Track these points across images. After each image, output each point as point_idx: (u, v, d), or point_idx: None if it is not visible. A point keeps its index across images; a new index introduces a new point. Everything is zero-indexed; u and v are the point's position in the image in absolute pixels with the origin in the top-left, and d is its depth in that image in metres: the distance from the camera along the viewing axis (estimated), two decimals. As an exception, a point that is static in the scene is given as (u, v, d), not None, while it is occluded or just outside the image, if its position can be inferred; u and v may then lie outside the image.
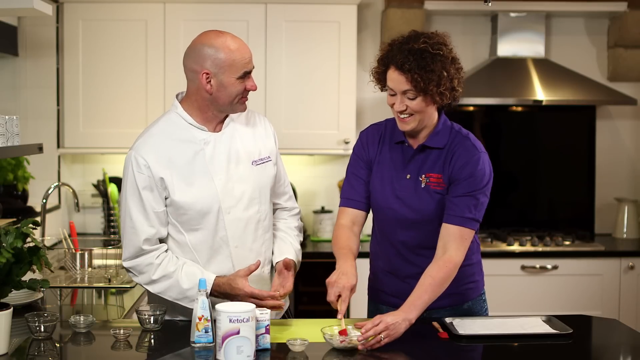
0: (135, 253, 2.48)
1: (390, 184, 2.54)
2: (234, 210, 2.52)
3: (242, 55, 2.45)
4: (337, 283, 2.34)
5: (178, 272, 2.48)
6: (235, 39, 2.47)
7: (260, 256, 2.58)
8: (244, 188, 2.53)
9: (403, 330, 2.26)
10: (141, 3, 4.28)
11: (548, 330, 2.42)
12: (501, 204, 4.66)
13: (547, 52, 4.71)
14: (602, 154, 4.84)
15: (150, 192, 2.46)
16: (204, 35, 2.49)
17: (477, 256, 2.65)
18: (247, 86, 2.48)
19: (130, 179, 2.47)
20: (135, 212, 2.46)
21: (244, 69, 2.45)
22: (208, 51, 2.43)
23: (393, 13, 4.53)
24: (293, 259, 2.61)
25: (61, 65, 4.31)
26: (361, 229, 2.61)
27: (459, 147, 2.48)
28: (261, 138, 2.62)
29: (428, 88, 2.36)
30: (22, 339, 2.34)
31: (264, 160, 2.60)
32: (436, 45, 2.37)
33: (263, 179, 2.58)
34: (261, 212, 2.58)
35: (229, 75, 2.44)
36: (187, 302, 2.48)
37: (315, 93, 4.35)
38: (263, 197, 2.58)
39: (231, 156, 2.53)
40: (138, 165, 2.45)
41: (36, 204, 4.05)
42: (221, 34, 2.47)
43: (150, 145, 2.49)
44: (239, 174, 2.53)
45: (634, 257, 4.38)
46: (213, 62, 2.43)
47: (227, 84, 2.45)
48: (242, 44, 2.48)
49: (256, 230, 2.57)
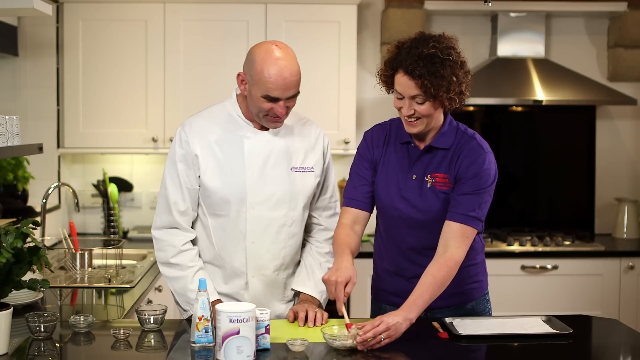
0: (168, 223, 2.58)
1: (396, 184, 2.53)
2: (259, 207, 2.55)
3: (275, 82, 2.41)
4: (329, 280, 2.35)
5: (193, 270, 2.54)
6: (282, 63, 2.42)
7: (277, 259, 2.61)
8: (275, 189, 2.57)
9: (403, 330, 2.26)
10: (141, 3, 4.28)
11: (548, 330, 2.42)
12: (501, 204, 4.65)
13: (547, 52, 4.71)
14: (602, 154, 4.84)
15: (185, 167, 2.56)
16: (262, 43, 2.52)
17: (481, 256, 2.65)
18: (273, 109, 2.47)
19: (172, 152, 2.59)
20: (170, 183, 2.58)
21: (268, 93, 2.43)
22: (251, 57, 2.48)
23: (393, 13, 4.53)
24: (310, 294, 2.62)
25: (61, 65, 4.31)
26: (363, 228, 2.60)
27: (465, 147, 2.47)
28: (310, 148, 2.64)
29: (438, 94, 2.34)
30: (22, 339, 2.34)
31: (306, 169, 2.62)
32: (446, 50, 2.35)
33: (299, 187, 2.60)
34: (289, 217, 2.60)
35: (256, 89, 2.46)
36: (183, 301, 2.55)
37: (315, 93, 4.35)
38: (294, 203, 2.60)
39: (270, 156, 2.56)
40: (180, 140, 2.57)
41: (36, 204, 4.05)
42: (274, 51, 2.44)
43: (196, 124, 2.59)
44: (274, 175, 2.56)
45: (634, 257, 4.38)
46: (249, 68, 2.48)
47: (254, 96, 2.47)
48: (286, 71, 2.42)
49: (278, 233, 2.59)
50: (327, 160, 2.69)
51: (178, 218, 2.57)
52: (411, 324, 2.28)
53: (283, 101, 2.45)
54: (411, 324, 2.28)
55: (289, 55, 2.47)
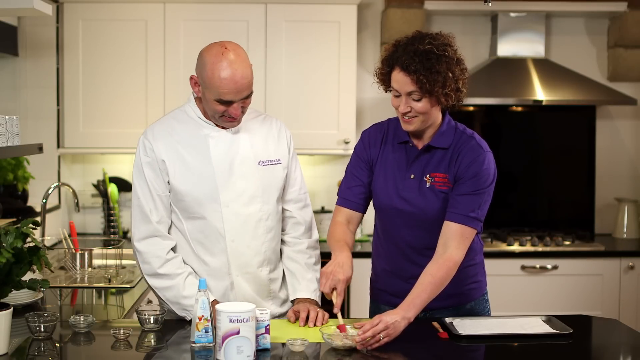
0: (148, 233, 2.54)
1: (394, 183, 2.53)
2: (233, 204, 2.55)
3: (227, 86, 2.40)
4: (332, 275, 2.35)
5: (182, 277, 2.52)
6: (232, 67, 2.40)
7: (259, 255, 2.60)
8: (246, 185, 2.56)
9: (402, 328, 2.26)
10: (141, 3, 4.28)
11: (548, 330, 2.42)
12: (501, 204, 4.65)
13: (547, 52, 4.71)
14: (602, 154, 4.84)
15: (154, 174, 2.54)
16: (212, 45, 2.48)
17: (480, 256, 2.65)
18: (228, 110, 2.47)
19: (137, 161, 2.58)
20: (141, 193, 2.56)
21: (220, 97, 2.43)
22: (202, 60, 2.46)
23: (393, 13, 4.53)
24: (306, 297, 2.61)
25: (61, 65, 4.31)
26: (356, 228, 2.61)
27: (465, 147, 2.47)
28: (273, 141, 2.64)
29: (433, 89, 2.35)
30: (22, 339, 2.34)
31: (273, 162, 2.62)
32: (441, 46, 2.37)
33: (269, 180, 2.60)
34: (264, 211, 2.59)
35: (208, 93, 2.46)
36: (178, 308, 2.52)
37: (315, 93, 4.35)
38: (267, 197, 2.60)
39: (236, 153, 2.56)
40: (144, 148, 2.56)
41: (36, 204, 4.05)
42: (224, 54, 2.42)
43: (158, 131, 2.58)
44: (243, 171, 2.56)
45: (634, 257, 4.38)
46: (200, 72, 2.47)
47: (207, 99, 2.48)
48: (237, 75, 2.40)
49: (256, 228, 2.58)
50: (291, 152, 2.69)
51: (157, 225, 2.54)
52: (410, 322, 2.28)
53: (237, 103, 2.45)
54: (410, 322, 2.28)
55: (239, 57, 2.44)
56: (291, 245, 2.71)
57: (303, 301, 2.60)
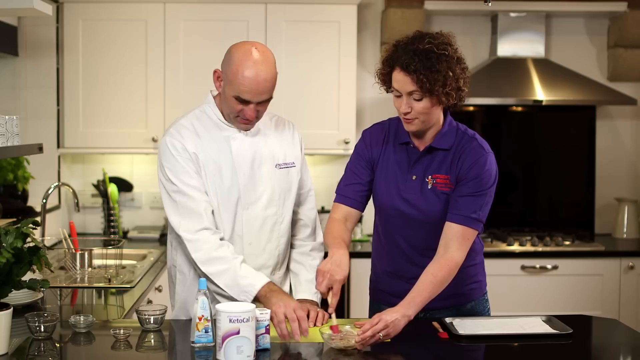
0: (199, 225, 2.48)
1: (396, 184, 2.53)
2: (253, 207, 2.55)
3: (249, 85, 2.40)
4: (329, 274, 2.34)
5: (238, 261, 2.48)
6: (257, 67, 2.40)
7: (272, 259, 2.61)
8: (265, 188, 2.57)
9: (402, 326, 2.26)
10: (141, 3, 4.28)
11: (548, 330, 2.42)
12: (501, 204, 4.62)
13: (547, 52, 4.71)
14: (602, 154, 4.84)
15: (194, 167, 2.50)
16: (242, 42, 2.49)
17: (480, 257, 2.65)
18: (244, 110, 2.46)
19: (172, 160, 2.50)
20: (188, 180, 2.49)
21: (239, 95, 2.42)
22: (229, 55, 2.47)
23: (393, 13, 4.53)
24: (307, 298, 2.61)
25: (61, 65, 4.31)
26: (354, 226, 2.61)
27: (466, 148, 2.47)
28: (287, 144, 2.64)
29: (434, 89, 2.35)
30: (22, 339, 2.34)
31: (289, 165, 2.63)
32: (441, 46, 2.36)
33: (285, 183, 2.61)
34: (279, 214, 2.60)
35: (229, 88, 2.45)
36: (236, 292, 2.45)
37: (315, 93, 4.35)
38: (282, 201, 2.61)
39: (255, 156, 2.56)
40: (175, 148, 2.51)
41: (36, 204, 4.05)
42: (252, 53, 2.42)
43: (184, 131, 2.54)
44: (262, 173, 2.56)
45: (634, 257, 4.38)
46: (226, 67, 2.46)
47: (226, 95, 2.47)
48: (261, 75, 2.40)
49: (272, 232, 2.59)
50: (302, 154, 2.70)
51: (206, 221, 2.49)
52: (409, 320, 2.28)
53: (254, 105, 2.44)
54: (409, 320, 2.28)
55: (267, 59, 2.45)
56: (297, 247, 2.71)
57: (303, 302, 2.60)
